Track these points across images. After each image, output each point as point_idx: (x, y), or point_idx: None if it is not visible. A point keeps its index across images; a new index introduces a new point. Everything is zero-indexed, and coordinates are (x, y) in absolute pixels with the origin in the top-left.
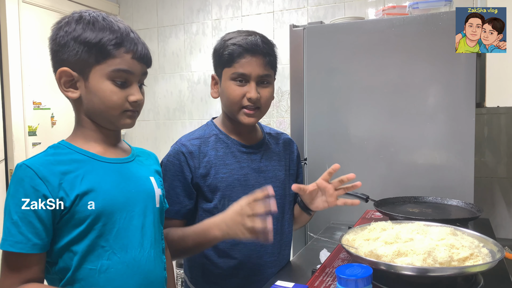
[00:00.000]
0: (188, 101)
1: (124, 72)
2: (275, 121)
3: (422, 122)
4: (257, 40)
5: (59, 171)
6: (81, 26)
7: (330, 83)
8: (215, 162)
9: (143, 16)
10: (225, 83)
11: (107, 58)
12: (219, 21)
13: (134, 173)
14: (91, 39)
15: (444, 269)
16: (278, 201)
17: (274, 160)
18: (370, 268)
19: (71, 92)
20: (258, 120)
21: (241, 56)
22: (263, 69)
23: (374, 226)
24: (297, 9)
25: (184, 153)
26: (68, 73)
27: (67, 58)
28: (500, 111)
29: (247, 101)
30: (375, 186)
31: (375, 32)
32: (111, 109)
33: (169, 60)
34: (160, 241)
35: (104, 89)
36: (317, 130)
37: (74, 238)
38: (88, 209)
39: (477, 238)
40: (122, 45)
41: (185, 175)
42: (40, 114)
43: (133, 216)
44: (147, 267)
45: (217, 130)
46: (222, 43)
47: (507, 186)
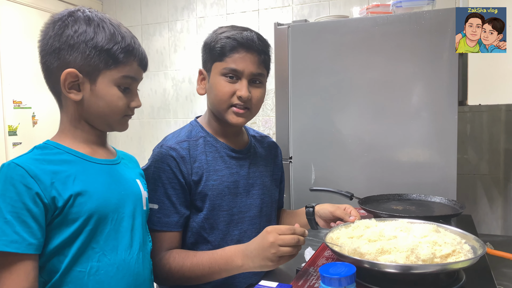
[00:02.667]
0: (173, 99)
1: (131, 79)
2: (260, 119)
3: (406, 120)
4: (253, 36)
5: (50, 170)
6: (92, 29)
7: (315, 81)
8: (206, 168)
9: (126, 13)
10: (214, 79)
11: (118, 65)
12: (203, 19)
13: (123, 174)
14: (104, 45)
15: (427, 266)
16: (265, 209)
17: (261, 166)
18: (353, 267)
19: (74, 93)
20: (246, 121)
21: (234, 50)
22: (257, 67)
23: (358, 224)
24: (282, 7)
25: (175, 158)
26: (74, 74)
27: (74, 60)
28: (482, 109)
29: (236, 99)
30: (359, 184)
31: (359, 30)
32: (115, 113)
33: (153, 59)
34: (147, 243)
35: (112, 94)
36: (302, 129)
37: (66, 240)
38: (81, 210)
39: (459, 235)
40: (132, 53)
41: (179, 181)
42: (21, 113)
43: (123, 218)
44: (136, 269)
45: (204, 132)
46: (214, 36)
47: (489, 183)
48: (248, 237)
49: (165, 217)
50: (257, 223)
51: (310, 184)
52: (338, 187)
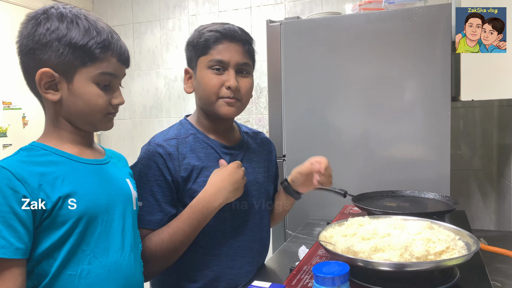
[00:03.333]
0: (165, 98)
1: (110, 75)
2: (254, 117)
3: (399, 117)
4: (235, 27)
5: (37, 172)
6: (65, 25)
7: (308, 78)
8: (196, 165)
9: (117, 12)
10: (201, 73)
11: (94, 61)
12: (195, 17)
13: (112, 174)
14: (78, 41)
15: (421, 264)
16: (259, 206)
17: (254, 162)
18: (347, 266)
19: (51, 94)
20: (238, 113)
21: (218, 41)
22: (242, 56)
23: (351, 222)
24: (275, 5)
25: (161, 155)
26: (50, 74)
27: (48, 59)
28: (474, 105)
29: (225, 91)
30: (353, 181)
31: (351, 27)
32: (95, 112)
33: (145, 57)
34: (138, 244)
35: (90, 92)
36: (295, 127)
37: (55, 243)
38: (71, 212)
39: (453, 231)
40: (109, 48)
41: (166, 178)
42: (11, 114)
43: (114, 219)
44: (128, 270)
45: (194, 129)
46: (196, 33)
47: (482, 178)
48: (241, 233)
49: (148, 215)
50: (250, 219)
51: None
52: (331, 185)
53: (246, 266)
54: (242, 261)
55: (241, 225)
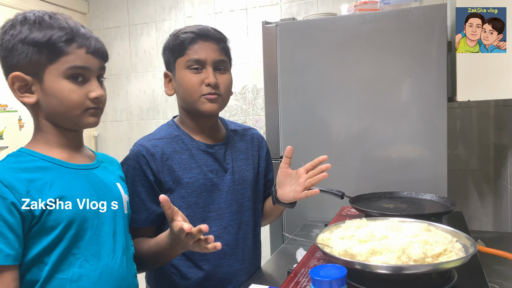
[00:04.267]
0: (162, 100)
1: (80, 68)
2: (251, 119)
3: (395, 117)
4: (208, 27)
5: (25, 179)
6: (26, 27)
7: (304, 79)
8: (179, 167)
9: (113, 14)
10: (180, 74)
11: (60, 56)
12: (191, 18)
13: (102, 179)
14: (40, 39)
15: (418, 267)
16: (247, 204)
17: (241, 160)
18: (344, 269)
19: (27, 97)
20: (220, 108)
21: (193, 42)
22: (218, 54)
23: (348, 224)
24: (271, 6)
25: (144, 156)
26: (20, 77)
27: (17, 62)
28: (471, 105)
29: (205, 88)
30: (350, 183)
31: (347, 28)
32: (72, 109)
33: (141, 59)
34: (130, 247)
35: (61, 89)
36: (292, 127)
37: (45, 248)
38: (60, 217)
39: (451, 233)
40: (73, 40)
41: (148, 178)
42: (7, 117)
43: (104, 223)
44: (120, 274)
45: (180, 131)
46: (171, 37)
47: (479, 178)
48: (229, 233)
49: (135, 213)
50: (238, 218)
51: None
52: (329, 186)
53: (236, 264)
54: (231, 259)
55: (228, 224)
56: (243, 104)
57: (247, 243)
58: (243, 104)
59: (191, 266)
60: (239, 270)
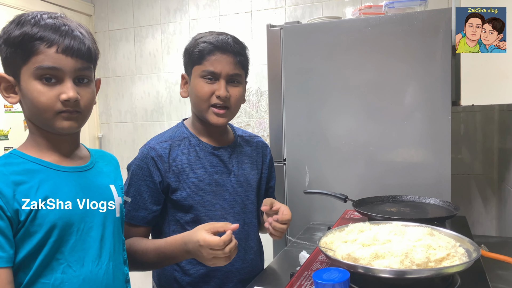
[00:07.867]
0: (166, 102)
1: (49, 69)
2: (254, 121)
3: (399, 121)
4: (228, 39)
5: (12, 182)
6: (12, 27)
7: (308, 82)
8: (185, 167)
9: (118, 16)
10: (194, 81)
11: (30, 56)
12: (196, 21)
13: (93, 181)
14: (15, 38)
15: (421, 271)
16: (250, 206)
17: (246, 164)
18: (347, 272)
19: (11, 97)
20: (228, 120)
21: (211, 53)
22: (233, 67)
23: (352, 227)
24: (275, 9)
25: (153, 157)
26: (4, 78)
27: (2, 63)
28: (475, 109)
29: (215, 99)
30: (353, 186)
31: (352, 31)
32: (42, 111)
33: (146, 61)
34: (121, 252)
35: (32, 90)
36: (296, 130)
37: (30, 252)
38: (43, 222)
39: (454, 238)
40: (43, 39)
41: (153, 179)
42: (12, 117)
43: (92, 227)
44: (105, 280)
45: (188, 133)
46: (193, 42)
47: (483, 183)
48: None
49: (134, 211)
50: (241, 219)
51: (304, 187)
52: (332, 189)
53: (238, 263)
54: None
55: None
56: (247, 106)
57: (249, 244)
58: (247, 107)
59: (193, 262)
60: (240, 269)
